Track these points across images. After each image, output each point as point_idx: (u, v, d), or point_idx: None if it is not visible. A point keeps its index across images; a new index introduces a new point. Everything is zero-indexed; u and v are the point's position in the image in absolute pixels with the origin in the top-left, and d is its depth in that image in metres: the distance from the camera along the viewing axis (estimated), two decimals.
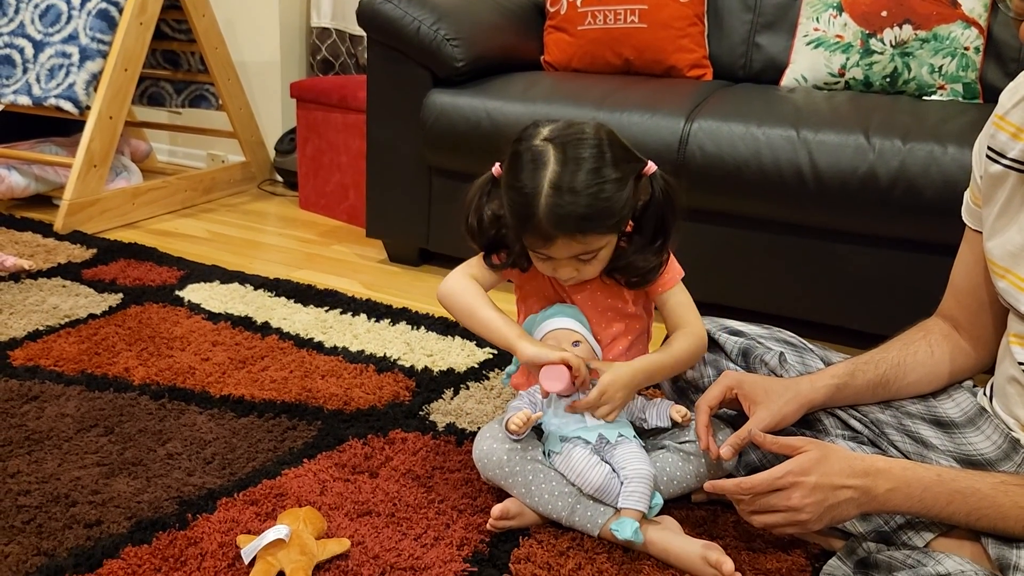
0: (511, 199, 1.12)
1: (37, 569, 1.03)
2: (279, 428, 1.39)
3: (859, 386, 1.16)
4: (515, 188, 1.10)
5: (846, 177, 1.65)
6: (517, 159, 1.11)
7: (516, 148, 1.13)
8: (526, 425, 1.13)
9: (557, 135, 1.11)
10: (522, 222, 1.10)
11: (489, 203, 1.18)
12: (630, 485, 1.10)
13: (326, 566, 1.06)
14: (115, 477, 1.23)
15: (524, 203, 1.09)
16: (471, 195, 1.20)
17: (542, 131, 1.12)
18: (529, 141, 1.12)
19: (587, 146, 1.09)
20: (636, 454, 1.14)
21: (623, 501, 1.09)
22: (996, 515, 0.98)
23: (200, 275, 2.06)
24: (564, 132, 1.11)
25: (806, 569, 1.10)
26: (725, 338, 1.28)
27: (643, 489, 1.10)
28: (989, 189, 1.09)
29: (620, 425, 1.17)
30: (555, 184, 1.07)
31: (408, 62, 2.07)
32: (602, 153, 1.09)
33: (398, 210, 2.19)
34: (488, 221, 1.19)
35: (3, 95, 2.51)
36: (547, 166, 1.08)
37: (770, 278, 1.80)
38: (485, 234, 1.20)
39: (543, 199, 1.07)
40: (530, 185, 1.08)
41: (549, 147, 1.10)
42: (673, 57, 2.20)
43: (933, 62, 1.95)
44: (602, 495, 1.12)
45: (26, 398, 1.43)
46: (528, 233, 1.11)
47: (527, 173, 1.09)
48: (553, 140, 1.10)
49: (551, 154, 1.09)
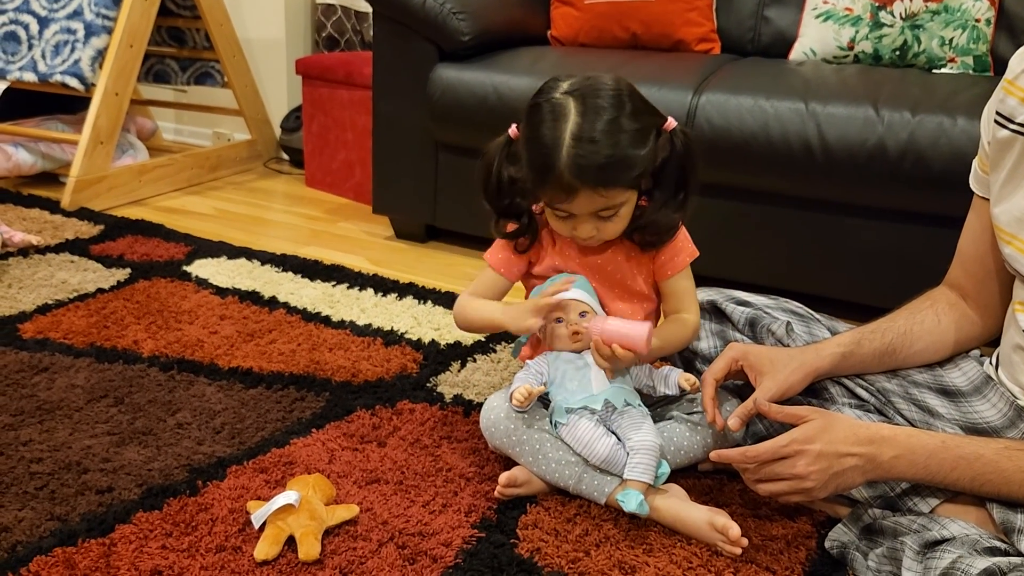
0: (531, 152, 1.10)
1: (51, 533, 1.05)
2: (287, 399, 1.40)
3: (865, 355, 1.16)
4: (536, 140, 1.09)
5: (855, 150, 1.64)
6: (537, 112, 1.11)
7: (536, 102, 1.12)
8: (529, 399, 1.13)
9: (578, 87, 1.10)
10: (543, 175, 1.09)
11: (507, 166, 1.17)
12: (636, 456, 1.10)
13: (335, 531, 1.07)
14: (125, 446, 1.24)
15: (545, 155, 1.07)
16: (488, 156, 1.18)
17: (562, 84, 1.11)
18: (549, 94, 1.11)
19: (608, 97, 1.08)
20: (642, 424, 1.14)
21: (628, 472, 1.10)
22: (1000, 480, 0.99)
23: (207, 251, 2.07)
24: (584, 84, 1.10)
25: (812, 535, 1.11)
26: (732, 308, 1.28)
27: (649, 461, 1.10)
28: (997, 155, 1.08)
29: (626, 393, 1.17)
30: (576, 135, 1.06)
31: (414, 36, 2.06)
32: (622, 104, 1.09)
33: (404, 186, 2.19)
34: (506, 183, 1.18)
35: (9, 72, 2.51)
36: (568, 118, 1.07)
37: (778, 251, 1.80)
38: (503, 197, 1.19)
39: (564, 150, 1.06)
40: (551, 136, 1.07)
41: (569, 99, 1.09)
42: (681, 31, 2.19)
43: (944, 34, 1.94)
44: (608, 466, 1.12)
45: (37, 369, 1.45)
46: (549, 186, 1.09)
47: (548, 125, 1.08)
48: (573, 92, 1.09)
49: (572, 106, 1.08)
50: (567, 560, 1.04)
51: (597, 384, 1.15)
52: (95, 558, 1.01)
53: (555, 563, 1.04)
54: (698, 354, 1.30)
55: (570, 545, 1.07)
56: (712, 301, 1.29)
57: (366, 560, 1.03)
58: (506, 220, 1.22)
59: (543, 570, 1.03)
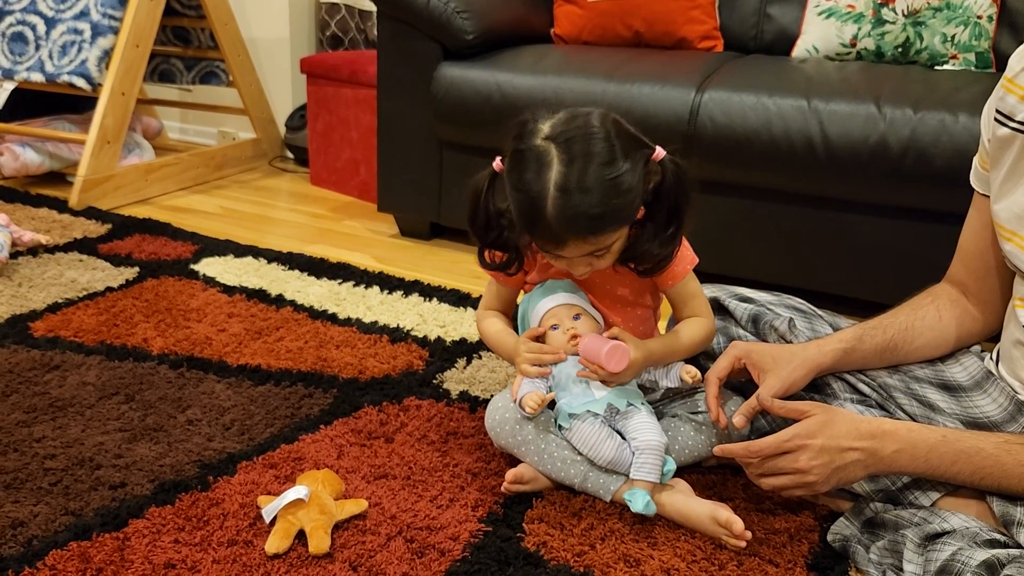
0: (517, 202, 1.07)
1: (66, 528, 1.06)
2: (296, 396, 1.41)
3: (867, 351, 1.18)
4: (520, 191, 1.05)
5: (857, 147, 1.65)
6: (519, 159, 1.06)
7: (516, 147, 1.07)
8: (540, 406, 1.14)
9: (559, 132, 1.04)
10: (530, 225, 1.07)
11: (493, 199, 1.13)
12: (641, 456, 1.12)
13: (345, 525, 1.09)
14: (137, 442, 1.26)
15: (531, 207, 1.04)
16: (475, 190, 1.14)
17: (542, 128, 1.06)
18: (529, 140, 1.06)
19: (592, 140, 1.03)
20: (647, 424, 1.15)
21: (635, 472, 1.11)
22: (1000, 474, 1.00)
23: (214, 249, 2.08)
24: (566, 128, 1.05)
25: (814, 529, 1.12)
26: (735, 305, 1.29)
27: (654, 460, 1.11)
28: (997, 152, 1.09)
29: (629, 394, 1.18)
30: (561, 186, 1.02)
31: (418, 35, 2.07)
32: (610, 146, 1.04)
33: (409, 184, 2.21)
34: (494, 217, 1.14)
35: (16, 72, 2.53)
36: (551, 167, 1.03)
37: (781, 249, 1.81)
38: (491, 231, 1.15)
39: (550, 202, 1.02)
40: (535, 188, 1.03)
41: (551, 146, 1.04)
42: (684, 29, 2.20)
43: (946, 31, 1.94)
44: (615, 467, 1.14)
45: (48, 367, 1.46)
46: (537, 236, 1.08)
47: (531, 175, 1.04)
48: (555, 138, 1.04)
49: (554, 153, 1.03)
50: (573, 554, 1.06)
51: (598, 388, 1.16)
52: (109, 552, 1.02)
53: (561, 556, 1.05)
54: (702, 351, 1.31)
55: (576, 539, 1.09)
56: (715, 298, 1.30)
57: (375, 554, 1.04)
58: (494, 251, 1.19)
59: (549, 563, 1.04)
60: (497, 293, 1.28)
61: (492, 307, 1.29)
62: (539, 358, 1.16)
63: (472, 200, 1.15)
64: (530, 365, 1.16)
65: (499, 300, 1.29)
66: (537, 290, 1.22)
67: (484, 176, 1.14)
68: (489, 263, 1.21)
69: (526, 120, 1.09)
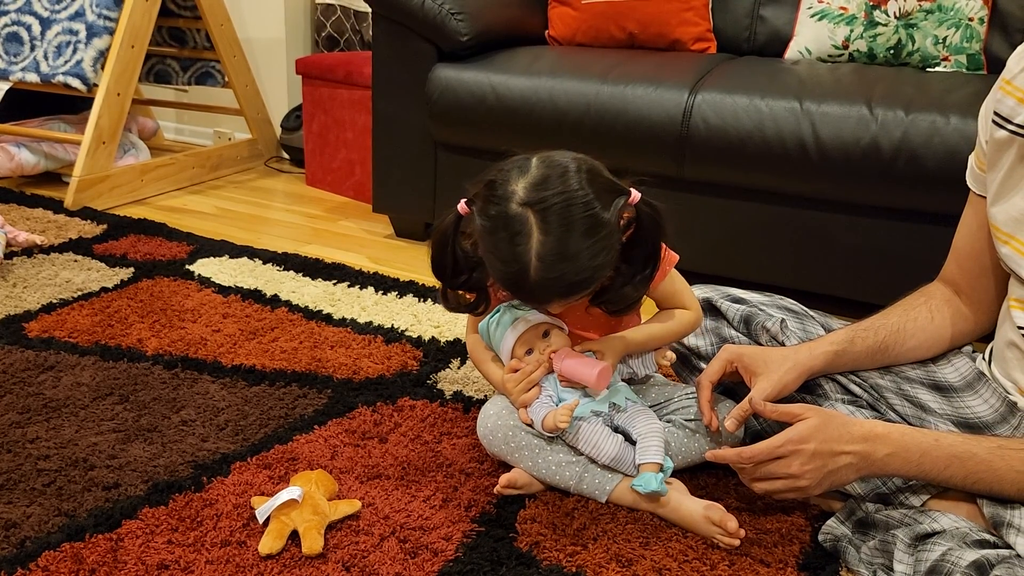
0: (496, 267, 1.06)
1: (59, 528, 1.07)
2: (290, 396, 1.42)
3: (858, 352, 1.18)
4: (500, 260, 1.04)
5: (849, 148, 1.66)
6: (496, 226, 1.03)
7: (491, 212, 1.04)
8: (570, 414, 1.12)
9: (536, 199, 1.01)
10: (512, 290, 1.09)
11: (460, 243, 1.12)
12: (644, 441, 1.13)
13: (338, 526, 1.09)
14: (131, 443, 1.26)
15: (512, 276, 1.04)
16: (440, 238, 1.12)
17: (515, 191, 1.03)
18: (504, 205, 1.02)
19: (571, 207, 1.01)
20: (644, 413, 1.17)
21: (640, 456, 1.13)
22: (992, 479, 1.01)
23: (209, 250, 2.08)
24: (542, 193, 1.01)
25: (806, 529, 1.13)
26: (727, 305, 1.30)
27: (657, 442, 1.13)
28: (994, 154, 1.09)
29: (622, 390, 1.20)
30: (542, 256, 1.01)
31: (413, 37, 2.07)
32: (589, 209, 1.01)
33: (404, 185, 2.21)
34: (462, 261, 1.13)
35: (11, 73, 2.53)
36: (530, 236, 1.01)
37: (773, 249, 1.81)
38: (459, 274, 1.14)
39: (533, 272, 1.02)
40: (517, 261, 1.02)
41: (529, 214, 1.01)
42: (677, 30, 2.20)
43: (937, 33, 1.95)
44: (617, 464, 1.15)
45: (42, 368, 1.47)
46: (521, 296, 1.10)
47: (509, 247, 1.02)
48: (532, 204, 1.01)
49: (532, 222, 1.01)
50: (565, 554, 1.06)
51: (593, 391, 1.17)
52: (102, 553, 1.03)
53: (553, 556, 1.06)
54: (694, 351, 1.32)
55: (568, 539, 1.09)
56: (707, 299, 1.31)
57: (368, 554, 1.05)
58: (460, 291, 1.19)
59: (542, 563, 1.05)
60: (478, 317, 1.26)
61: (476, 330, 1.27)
62: (528, 382, 1.16)
63: (438, 246, 1.13)
64: (524, 393, 1.16)
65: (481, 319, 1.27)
66: (492, 322, 1.20)
67: (448, 222, 1.11)
68: (454, 305, 1.20)
69: (496, 180, 1.05)
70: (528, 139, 1.98)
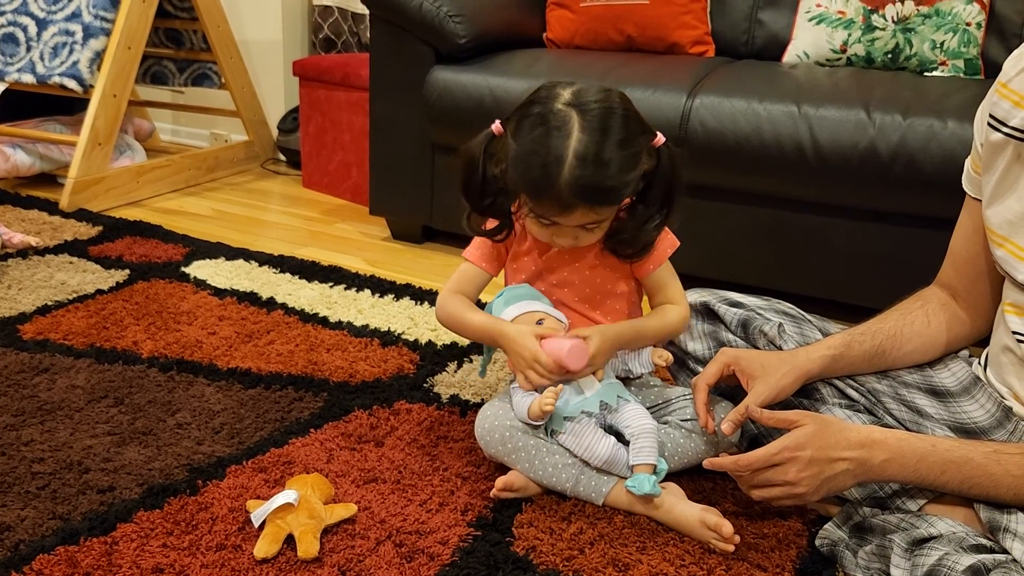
0: (527, 164, 1.06)
1: (53, 532, 1.06)
2: (286, 399, 1.41)
3: (855, 357, 1.18)
4: (534, 153, 1.05)
5: (846, 152, 1.66)
6: (536, 121, 1.07)
7: (533, 111, 1.07)
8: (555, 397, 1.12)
9: (580, 101, 1.06)
10: (538, 189, 1.06)
11: (490, 164, 1.13)
12: (637, 442, 1.12)
13: (334, 530, 1.09)
14: (126, 446, 1.26)
15: (544, 171, 1.04)
16: (470, 155, 1.14)
17: (562, 94, 1.07)
18: (548, 104, 1.07)
19: (612, 115, 1.06)
20: (637, 411, 1.16)
21: (634, 458, 1.12)
22: (989, 484, 1.01)
23: (205, 252, 2.08)
24: (586, 98, 1.07)
25: (802, 534, 1.13)
26: (724, 309, 1.30)
27: (650, 443, 1.12)
28: (989, 157, 1.10)
29: (617, 388, 1.19)
30: (580, 154, 1.03)
31: (411, 39, 2.07)
32: (627, 123, 1.07)
33: (401, 188, 2.21)
34: (490, 182, 1.14)
35: (7, 73, 2.52)
36: (571, 134, 1.04)
37: (770, 253, 1.81)
38: (485, 196, 1.15)
39: (567, 169, 1.03)
40: (553, 153, 1.04)
41: (572, 112, 1.05)
42: (675, 34, 2.21)
43: (935, 38, 1.96)
44: (610, 466, 1.14)
45: (37, 370, 1.46)
46: (544, 199, 1.07)
47: (549, 140, 1.04)
48: (577, 106, 1.06)
49: (575, 121, 1.05)
50: (562, 558, 1.06)
51: (588, 386, 1.17)
52: (97, 556, 1.02)
53: (550, 561, 1.05)
54: (691, 355, 1.32)
55: (565, 543, 1.09)
56: (704, 302, 1.31)
57: (364, 558, 1.04)
58: (484, 217, 1.20)
59: (538, 568, 1.04)
60: (472, 278, 1.26)
61: (462, 290, 1.26)
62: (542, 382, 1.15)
63: (467, 165, 1.14)
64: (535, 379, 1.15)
65: (472, 285, 1.26)
66: (497, 301, 1.22)
67: (480, 140, 1.14)
68: (478, 229, 1.21)
69: (542, 87, 1.10)
70: None
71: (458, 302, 1.25)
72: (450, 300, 1.26)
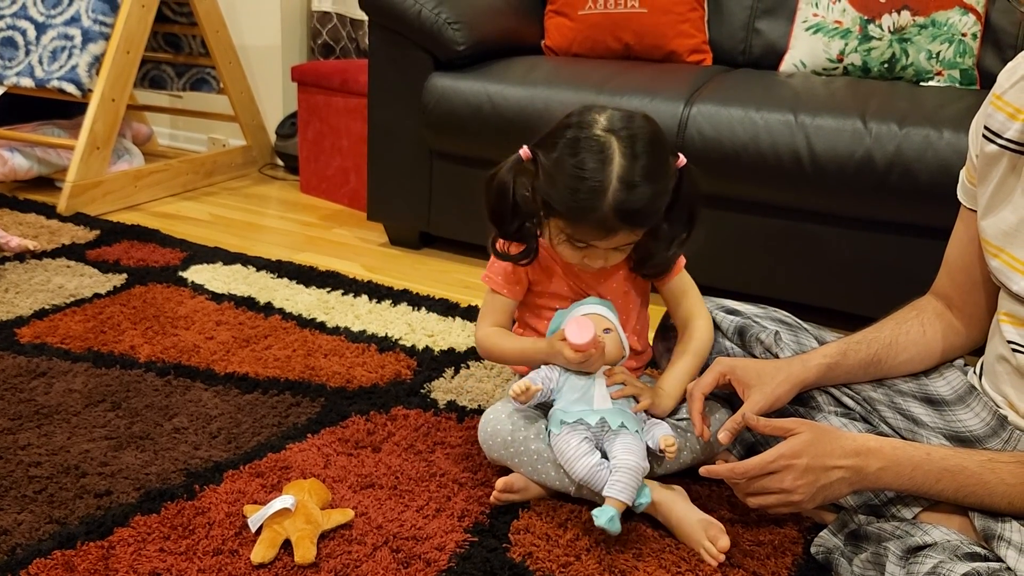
0: (571, 189, 1.08)
1: (50, 536, 1.06)
2: (283, 404, 1.41)
3: (851, 365, 1.19)
4: (578, 179, 1.07)
5: (843, 161, 1.67)
6: (577, 147, 1.09)
7: (574, 135, 1.10)
8: (526, 395, 1.13)
9: (619, 127, 1.09)
10: (581, 214, 1.08)
11: (519, 190, 1.15)
12: (617, 474, 1.09)
13: (331, 535, 1.09)
14: (123, 450, 1.26)
15: (589, 196, 1.07)
16: (500, 181, 1.16)
17: (599, 119, 1.10)
18: (588, 130, 1.09)
19: (648, 139, 1.09)
20: (632, 446, 1.13)
21: (608, 489, 1.09)
22: (983, 492, 1.01)
23: (203, 256, 2.08)
24: (624, 124, 1.10)
25: (798, 541, 1.13)
26: (721, 317, 1.30)
27: (630, 481, 1.09)
28: (984, 168, 1.10)
29: (625, 416, 1.16)
30: (624, 179, 1.06)
31: (409, 45, 2.08)
32: (662, 147, 1.11)
33: (399, 193, 2.21)
34: (520, 207, 1.16)
35: (5, 77, 2.52)
36: (613, 159, 1.07)
37: (767, 261, 1.82)
38: (514, 221, 1.18)
39: (611, 193, 1.06)
40: (597, 178, 1.06)
41: (613, 139, 1.08)
42: (673, 42, 2.22)
43: (931, 48, 1.97)
44: (587, 484, 1.12)
45: (34, 374, 1.46)
46: (587, 224, 1.09)
47: (593, 165, 1.07)
48: (616, 132, 1.09)
49: (616, 146, 1.07)
50: (558, 564, 1.06)
51: (599, 401, 1.16)
52: (94, 561, 1.02)
53: (546, 567, 1.06)
54: None
55: (561, 549, 1.09)
56: None
57: (361, 563, 1.04)
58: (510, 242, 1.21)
59: (534, 574, 1.05)
60: (501, 307, 1.26)
61: (497, 322, 1.27)
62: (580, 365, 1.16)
63: (498, 190, 1.16)
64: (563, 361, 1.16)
65: (503, 314, 1.27)
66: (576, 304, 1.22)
67: (508, 166, 1.16)
68: (505, 254, 1.22)
69: (578, 113, 1.12)
70: None
71: (498, 333, 1.26)
72: (488, 332, 1.26)
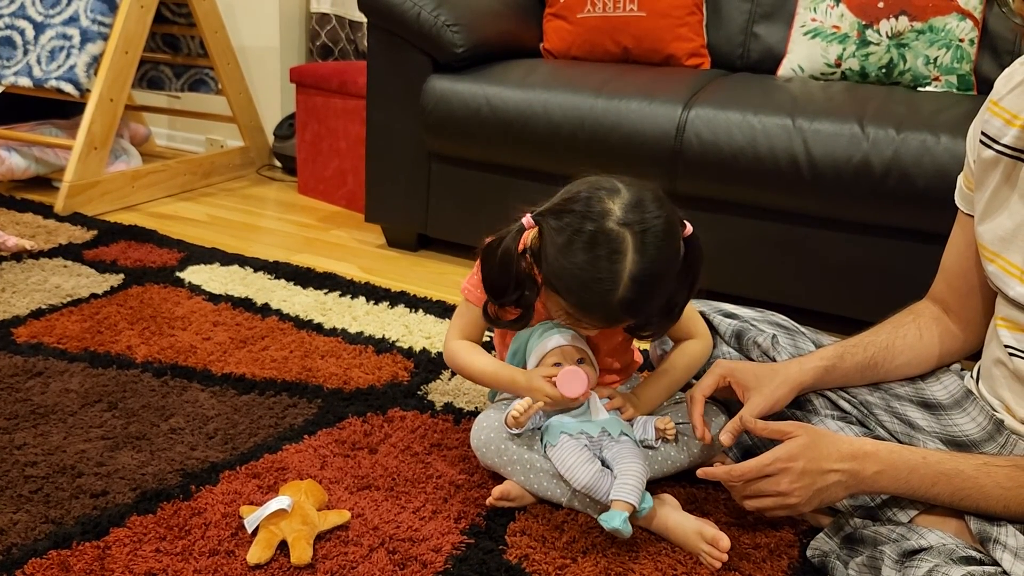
0: (582, 284, 1.04)
1: (46, 536, 1.06)
2: (280, 405, 1.41)
3: (847, 368, 1.19)
4: (590, 276, 1.03)
5: (840, 166, 1.67)
6: (588, 242, 1.03)
7: (586, 227, 1.04)
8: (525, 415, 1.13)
9: (633, 220, 1.03)
10: (588, 308, 1.07)
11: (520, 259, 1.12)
12: (623, 478, 1.10)
13: (327, 536, 1.09)
14: (119, 450, 1.25)
15: (599, 290, 1.03)
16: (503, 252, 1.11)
17: (614, 209, 1.04)
18: (602, 221, 1.03)
19: (664, 232, 1.05)
20: (634, 451, 1.14)
21: (615, 492, 1.09)
22: (979, 496, 1.01)
23: (200, 257, 2.08)
24: (639, 217, 1.04)
25: (794, 544, 1.13)
26: (719, 320, 1.31)
27: (636, 484, 1.09)
28: (981, 174, 1.11)
29: (624, 425, 1.18)
30: (635, 276, 1.02)
31: (408, 48, 2.08)
32: (675, 236, 1.07)
33: (397, 195, 2.21)
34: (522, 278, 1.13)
35: (3, 76, 2.52)
36: (626, 256, 1.02)
37: (764, 265, 1.83)
38: (514, 292, 1.14)
39: (621, 290, 1.03)
40: (610, 278, 1.03)
41: (627, 233, 1.03)
42: (671, 46, 2.22)
43: (928, 53, 1.98)
44: (590, 492, 1.12)
45: (30, 374, 1.46)
46: (594, 314, 1.08)
47: (605, 264, 1.03)
48: (630, 226, 1.03)
49: (629, 242, 1.02)
50: (554, 567, 1.06)
51: (596, 412, 1.17)
52: (89, 561, 1.02)
53: (543, 569, 1.06)
54: None
55: (558, 552, 1.09)
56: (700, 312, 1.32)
57: (357, 565, 1.04)
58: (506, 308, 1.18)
59: None
60: (475, 320, 1.24)
61: (469, 335, 1.25)
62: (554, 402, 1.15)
63: (502, 261, 1.12)
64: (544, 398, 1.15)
65: (476, 328, 1.25)
66: (539, 328, 1.20)
67: (512, 236, 1.11)
68: (498, 321, 1.19)
69: (587, 189, 1.07)
70: (522, 151, 1.98)
71: (472, 353, 1.23)
72: (457, 346, 1.24)
